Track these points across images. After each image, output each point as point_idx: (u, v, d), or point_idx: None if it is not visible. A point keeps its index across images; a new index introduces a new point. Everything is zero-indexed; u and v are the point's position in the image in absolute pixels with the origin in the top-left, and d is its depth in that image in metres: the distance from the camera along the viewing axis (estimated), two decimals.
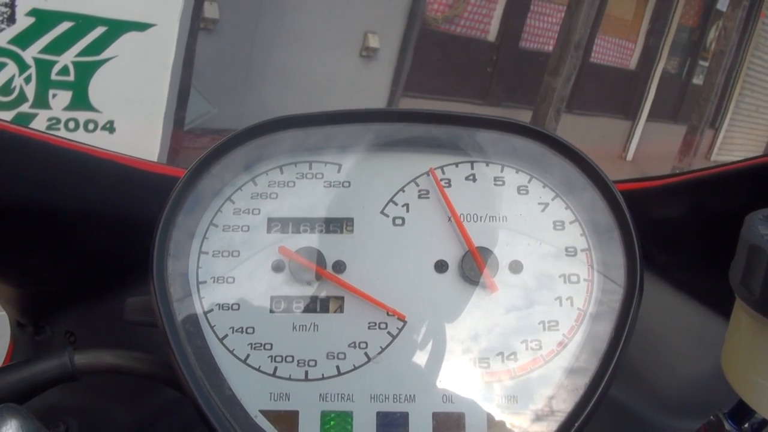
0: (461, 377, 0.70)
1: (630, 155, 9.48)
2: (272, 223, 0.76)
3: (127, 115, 3.72)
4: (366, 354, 0.71)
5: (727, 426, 0.73)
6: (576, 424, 0.66)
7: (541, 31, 7.78)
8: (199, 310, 0.72)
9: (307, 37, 5.51)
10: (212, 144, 0.76)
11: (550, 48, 7.64)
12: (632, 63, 9.36)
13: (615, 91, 9.25)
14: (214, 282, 0.74)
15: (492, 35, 7.40)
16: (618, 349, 0.68)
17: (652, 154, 9.50)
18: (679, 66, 10.14)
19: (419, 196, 0.77)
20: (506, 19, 7.37)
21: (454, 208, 0.75)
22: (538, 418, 0.68)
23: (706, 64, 10.07)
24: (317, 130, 0.79)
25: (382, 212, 0.76)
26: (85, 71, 3.51)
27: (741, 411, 0.73)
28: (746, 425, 0.74)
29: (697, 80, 10.29)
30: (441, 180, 0.77)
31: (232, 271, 0.74)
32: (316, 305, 0.73)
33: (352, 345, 0.71)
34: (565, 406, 0.68)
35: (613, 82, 9.11)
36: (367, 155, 0.79)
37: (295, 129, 0.78)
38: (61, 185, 0.86)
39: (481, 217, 0.75)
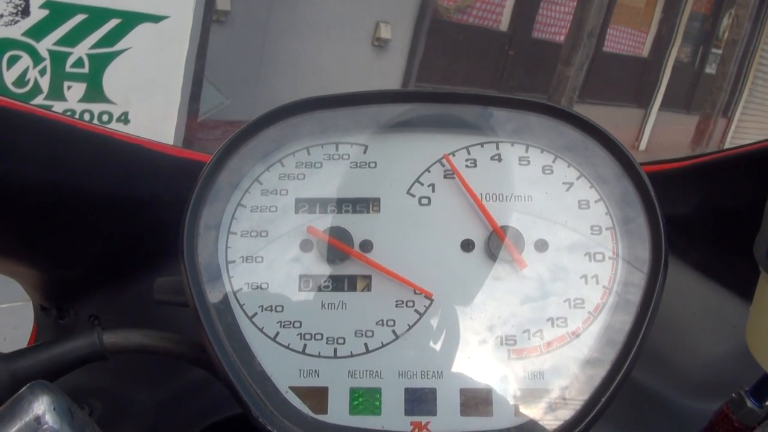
0: (488, 354, 0.71)
1: (643, 145, 9.45)
2: (300, 203, 0.77)
3: (142, 107, 3.73)
4: (393, 332, 0.72)
5: (749, 403, 0.74)
6: (603, 399, 0.66)
7: (554, 21, 7.76)
8: (228, 289, 0.73)
9: (319, 27, 5.51)
10: (226, 135, 0.77)
11: (563, 38, 7.63)
12: (645, 52, 9.33)
13: (628, 80, 9.22)
14: (243, 261, 0.75)
15: (504, 25, 7.38)
16: (643, 325, 0.69)
17: (665, 144, 9.48)
18: (691, 55, 10.10)
19: (445, 176, 0.77)
20: (518, 8, 7.35)
21: (473, 188, 0.76)
22: (565, 393, 0.69)
23: (719, 52, 10.03)
24: (343, 111, 0.79)
25: (408, 192, 0.77)
26: (100, 63, 3.52)
27: (763, 388, 0.74)
28: None
29: (710, 69, 10.25)
30: (467, 160, 0.78)
31: (261, 250, 0.75)
32: (343, 284, 0.74)
33: (380, 323, 0.72)
34: (591, 381, 0.68)
35: (626, 72, 9.08)
36: (393, 136, 0.80)
37: (322, 110, 0.79)
38: (86, 168, 0.88)
39: (506, 197, 0.76)
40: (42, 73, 3.37)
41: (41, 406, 0.61)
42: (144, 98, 3.76)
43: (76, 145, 0.87)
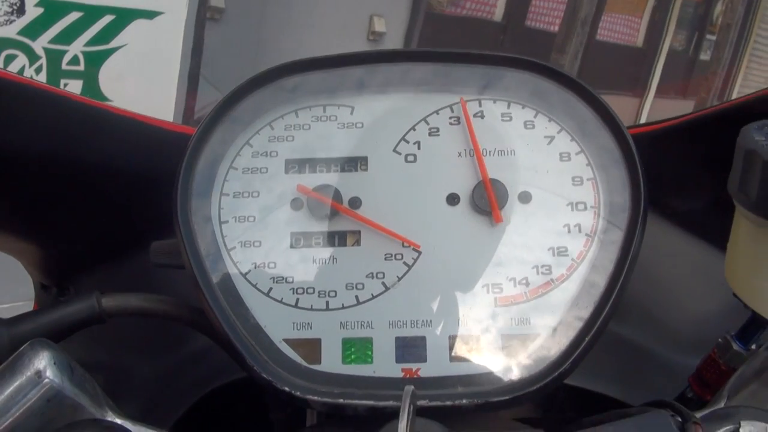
0: (475, 302, 0.73)
1: None
2: (290, 164, 0.79)
3: (138, 103, 3.73)
4: (383, 283, 0.74)
5: (735, 346, 0.77)
6: (586, 340, 0.69)
7: (547, 10, 7.76)
8: (222, 248, 0.76)
9: (313, 22, 5.52)
10: None
11: (557, 27, 7.64)
12: (639, 40, 9.32)
13: (622, 68, 9.22)
14: (235, 221, 0.77)
15: (498, 15, 7.39)
16: (624, 268, 0.71)
17: None
18: (686, 41, 10.09)
19: (429, 134, 0.79)
20: None
21: (458, 145, 0.79)
22: (550, 336, 0.71)
23: (713, 38, 10.03)
24: (328, 73, 0.82)
25: (394, 150, 0.79)
26: (96, 60, 3.53)
27: (749, 330, 0.76)
28: (753, 345, 0.77)
29: (705, 56, 10.24)
30: (450, 118, 0.80)
31: (253, 210, 0.77)
32: (334, 239, 0.76)
33: (370, 275, 0.74)
34: (575, 323, 0.71)
35: (621, 60, 9.07)
36: (379, 97, 0.82)
37: (308, 73, 0.81)
38: (84, 141, 0.89)
39: (490, 152, 0.78)
40: (38, 71, 3.38)
41: (42, 361, 0.63)
42: (140, 94, 3.77)
43: (73, 118, 0.89)
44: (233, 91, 0.79)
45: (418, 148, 0.79)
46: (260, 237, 0.76)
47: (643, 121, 9.14)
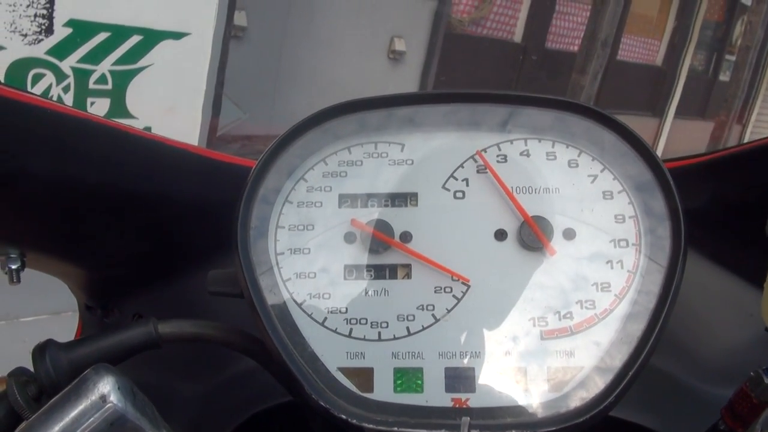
0: (522, 334, 0.75)
1: (659, 153, 9.40)
2: (343, 198, 0.82)
3: (165, 122, 3.76)
4: (433, 315, 0.77)
5: (766, 380, 0.78)
6: (630, 373, 0.71)
7: (567, 31, 7.79)
8: (278, 279, 0.79)
9: (334, 41, 5.55)
10: (245, 149, 0.82)
11: (576, 48, 7.66)
12: (658, 60, 9.33)
13: (642, 88, 9.22)
14: (291, 253, 0.80)
15: (518, 36, 7.42)
16: (666, 305, 0.73)
17: (680, 152, 9.42)
18: (705, 62, 10.09)
19: (478, 171, 0.83)
20: (531, 19, 7.39)
21: (504, 182, 0.81)
22: (594, 370, 0.73)
23: (733, 59, 10.03)
24: (381, 112, 0.85)
25: (443, 187, 0.82)
26: (123, 79, 3.56)
27: None
28: None
29: (724, 77, 10.24)
30: (497, 156, 0.83)
31: (308, 242, 0.81)
32: (385, 272, 0.79)
33: (420, 307, 0.77)
34: (619, 356, 0.73)
35: (640, 80, 9.08)
36: (428, 134, 0.85)
37: (361, 112, 0.85)
38: (138, 172, 0.92)
39: (535, 189, 0.81)
40: (66, 90, 3.41)
41: (106, 386, 0.65)
42: (167, 113, 3.80)
43: (130, 151, 0.92)
44: (290, 131, 0.82)
45: (467, 185, 0.82)
46: (315, 269, 0.80)
47: (662, 141, 9.14)
